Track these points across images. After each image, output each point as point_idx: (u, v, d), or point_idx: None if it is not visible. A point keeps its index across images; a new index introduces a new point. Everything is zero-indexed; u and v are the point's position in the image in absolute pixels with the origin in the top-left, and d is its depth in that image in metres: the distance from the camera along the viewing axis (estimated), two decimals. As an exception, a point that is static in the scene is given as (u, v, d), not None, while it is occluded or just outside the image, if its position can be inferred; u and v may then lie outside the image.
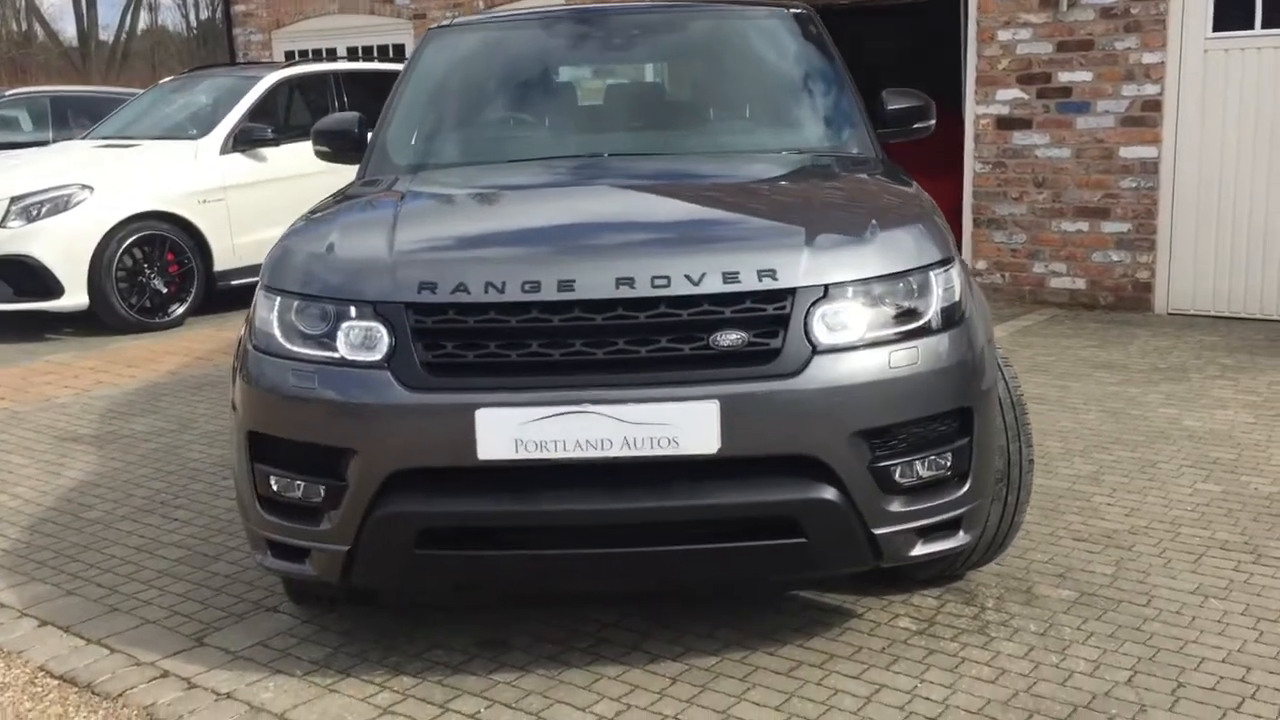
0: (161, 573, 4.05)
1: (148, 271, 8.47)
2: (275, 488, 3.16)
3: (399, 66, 10.67)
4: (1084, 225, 7.86)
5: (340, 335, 3.07)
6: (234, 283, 8.96)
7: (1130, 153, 7.68)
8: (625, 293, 2.96)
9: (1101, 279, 7.90)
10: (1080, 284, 7.97)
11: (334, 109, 9.75)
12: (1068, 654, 3.25)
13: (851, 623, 3.47)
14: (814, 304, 2.99)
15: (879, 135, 4.35)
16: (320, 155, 4.67)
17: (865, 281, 3.05)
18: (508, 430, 2.89)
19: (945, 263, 3.20)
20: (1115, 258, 7.83)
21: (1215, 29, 7.40)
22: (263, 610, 3.73)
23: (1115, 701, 3.00)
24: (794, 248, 3.06)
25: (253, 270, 9.24)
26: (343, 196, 3.93)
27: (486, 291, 2.98)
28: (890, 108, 4.46)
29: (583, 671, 3.25)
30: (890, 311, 3.06)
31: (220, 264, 8.89)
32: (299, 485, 3.12)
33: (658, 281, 2.96)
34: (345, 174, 4.61)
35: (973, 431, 3.14)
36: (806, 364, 2.94)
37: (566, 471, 2.94)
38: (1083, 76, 7.77)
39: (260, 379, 3.16)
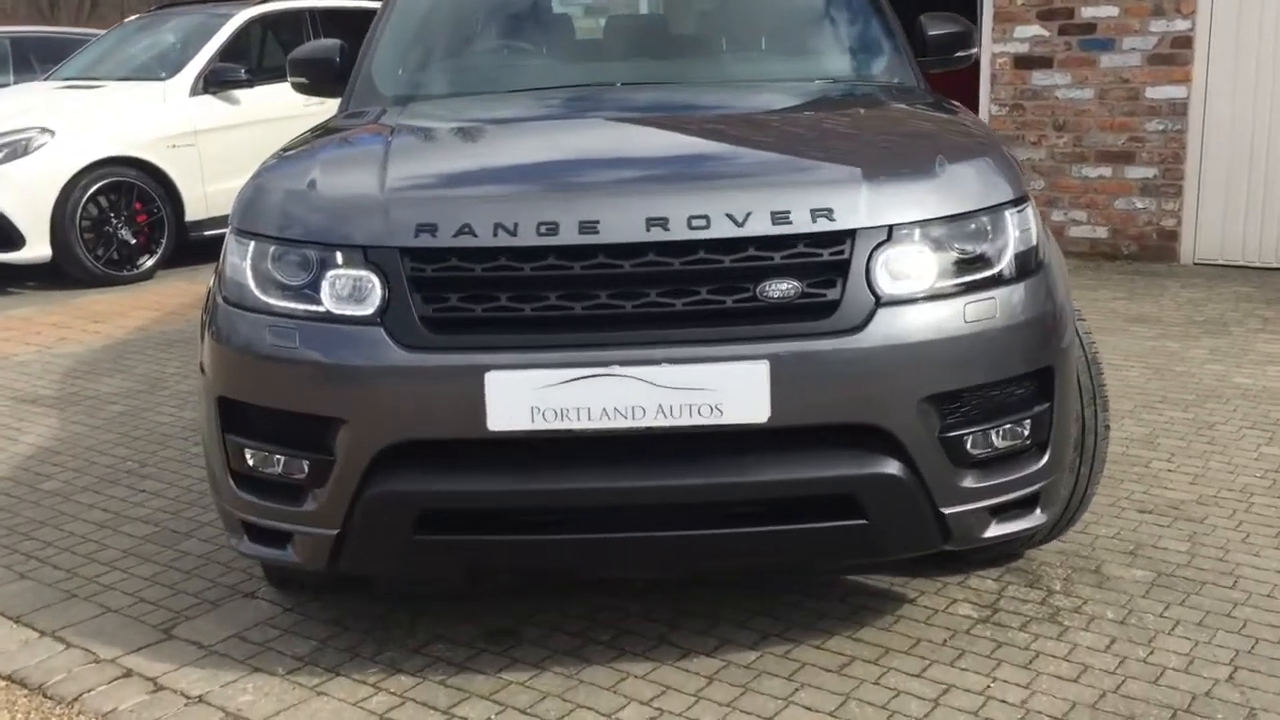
0: (126, 552, 3.63)
1: (114, 221, 7.97)
2: (251, 462, 2.74)
3: (379, 3, 10.17)
4: (1106, 171, 7.44)
5: (325, 285, 2.64)
6: (207, 233, 8.46)
7: (1158, 93, 7.25)
8: (658, 235, 2.53)
9: (1125, 227, 7.49)
10: (1101, 233, 7.56)
11: (311, 49, 9.22)
12: (1155, 646, 2.87)
13: (905, 610, 3.08)
14: (877, 248, 2.57)
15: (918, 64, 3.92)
16: (298, 87, 4.22)
17: (934, 222, 2.63)
18: (523, 396, 2.47)
19: (1020, 201, 2.78)
20: (1139, 205, 7.42)
21: (1250, -41, 6.95)
22: (239, 596, 3.32)
23: (1219, 704, 2.62)
24: (852, 183, 2.63)
25: (226, 220, 8.75)
26: (324, 130, 3.48)
27: (496, 234, 2.55)
28: (931, 33, 4.01)
29: (605, 669, 2.85)
30: (962, 257, 2.65)
31: (191, 213, 8.39)
32: (278, 460, 2.70)
33: (695, 222, 2.54)
34: (328, 114, 4.18)
35: (1053, 395, 2.74)
36: (869, 318, 2.52)
37: (589, 444, 2.53)
38: (1108, 11, 7.32)
39: (232, 337, 2.73)
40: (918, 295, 2.57)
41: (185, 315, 6.93)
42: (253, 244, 2.76)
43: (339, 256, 2.64)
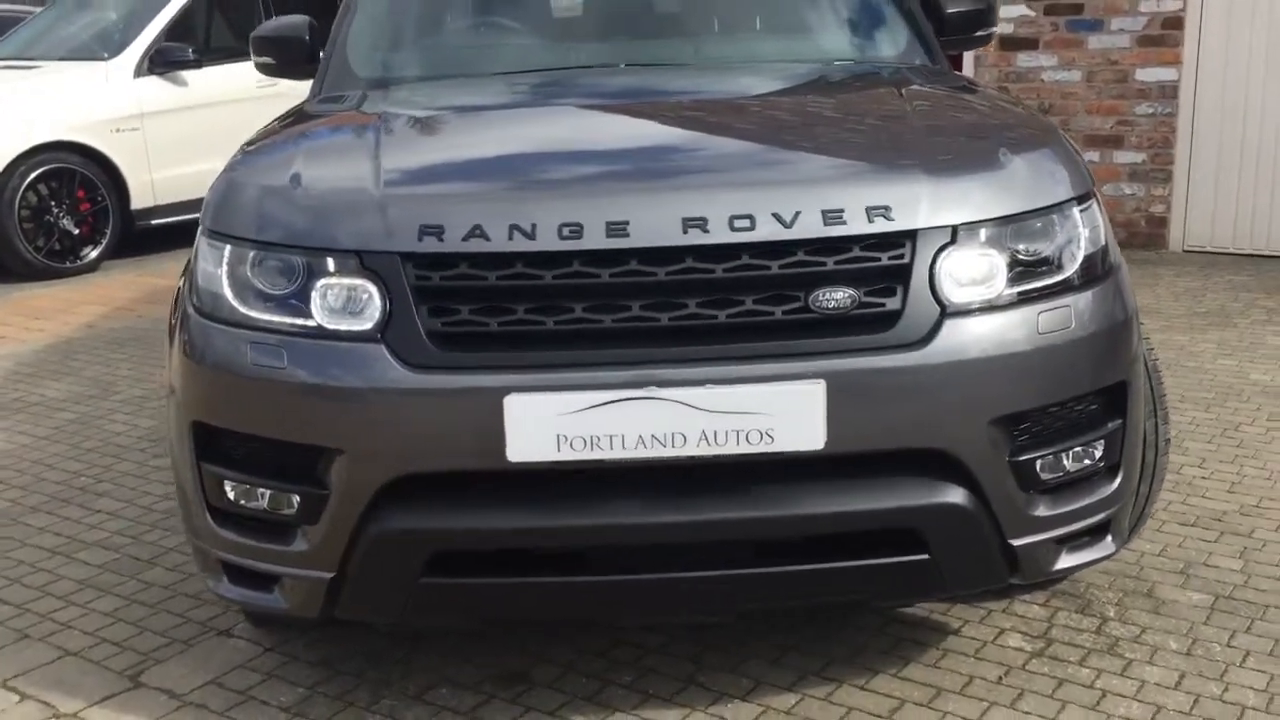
0: (83, 583, 3.29)
1: (55, 210, 7.52)
2: (232, 496, 2.42)
3: None
4: (1094, 155, 7.22)
5: (314, 296, 2.32)
6: (154, 222, 8.06)
7: (1147, 75, 7.04)
8: (696, 238, 2.24)
9: (1112, 214, 7.22)
10: (1087, 219, 7.35)
11: (262, 27, 8.80)
12: (1229, 681, 2.63)
13: (950, 642, 2.82)
14: (940, 251, 2.29)
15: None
16: (263, 68, 3.86)
17: (1001, 221, 2.36)
18: (547, 422, 2.17)
19: (1088, 197, 2.52)
20: (1128, 190, 7.22)
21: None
22: (213, 634, 2.99)
23: (1311, 748, 2.39)
24: (910, 178, 2.35)
25: (175, 209, 8.33)
26: (299, 116, 3.15)
27: (512, 237, 2.24)
28: (950, 10, 3.74)
29: (633, 717, 2.56)
30: (1031, 260, 2.38)
31: (138, 201, 7.96)
32: (263, 494, 2.38)
33: (738, 222, 2.24)
34: (286, 99, 3.83)
35: (1125, 412, 2.48)
36: (934, 330, 2.25)
37: (621, 475, 2.24)
38: (1096, -9, 7.11)
39: (207, 353, 2.40)
40: (987, 304, 2.30)
41: (135, 310, 6.53)
42: (228, 248, 2.43)
43: (330, 263, 2.32)
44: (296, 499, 2.33)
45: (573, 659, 2.78)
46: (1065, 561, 2.46)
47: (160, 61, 8.06)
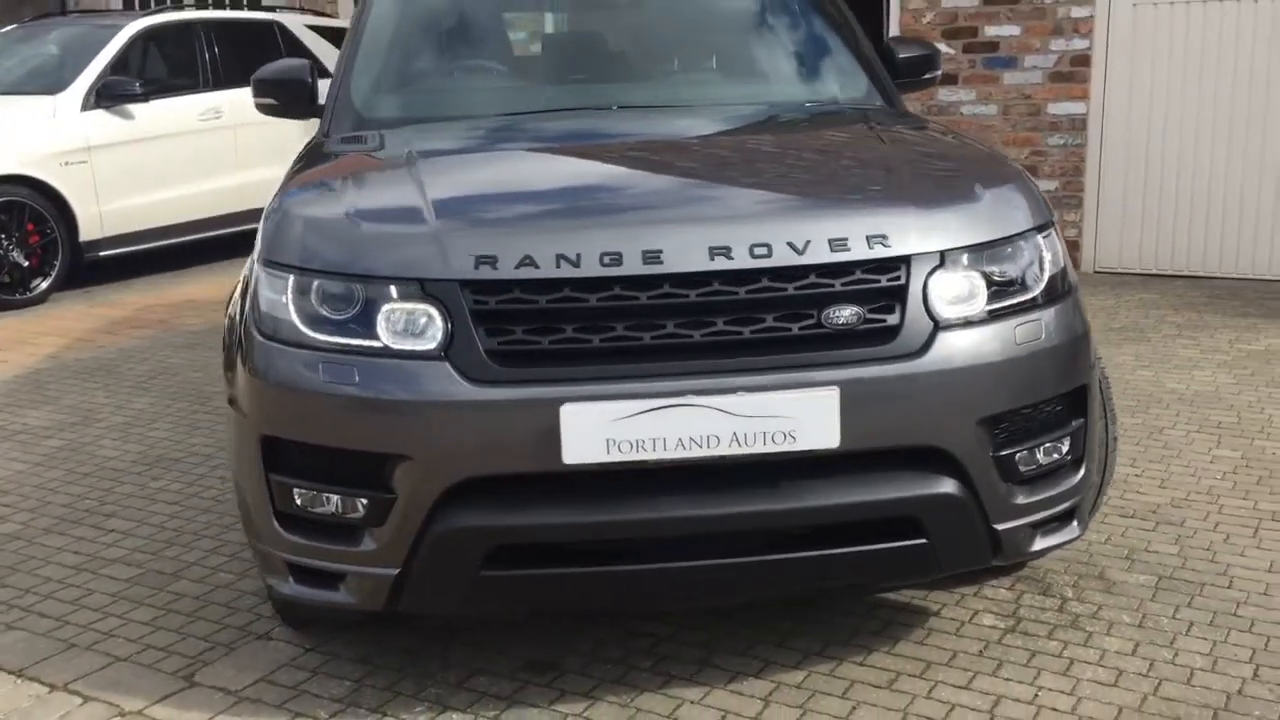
0: (115, 596, 3.47)
1: (5, 242, 7.58)
2: (299, 502, 2.66)
3: (270, 16, 9.92)
4: (1010, 183, 7.70)
5: (380, 320, 2.58)
6: (103, 254, 8.16)
7: (1059, 109, 7.56)
8: (721, 264, 2.55)
9: (1028, 238, 7.76)
10: (1006, 243, 7.83)
11: (204, 61, 8.95)
12: (1178, 648, 3.00)
13: (933, 623, 3.16)
14: (931, 273, 2.64)
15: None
16: (265, 108, 4.11)
17: (981, 246, 2.71)
18: (598, 428, 2.46)
19: (1049, 225, 2.89)
20: (1043, 216, 7.71)
21: (1144, -17, 7.31)
22: (252, 638, 3.21)
23: (1254, 701, 2.76)
24: (901, 209, 2.70)
25: (123, 240, 8.43)
26: (328, 156, 3.39)
27: (559, 265, 2.54)
28: (902, 56, 4.13)
29: (658, 696, 2.85)
30: (1006, 280, 2.74)
31: (87, 233, 8.04)
32: (331, 499, 2.63)
33: (757, 250, 2.56)
34: (229, 131, 4.03)
35: (1086, 412, 2.85)
36: (929, 342, 2.59)
37: (659, 473, 2.54)
38: (1010, 31, 7.60)
39: (276, 374, 2.65)
40: (972, 319, 2.64)
41: (95, 341, 6.64)
42: (292, 277, 2.68)
43: (393, 290, 2.58)
44: (365, 502, 2.58)
45: (594, 648, 3.06)
46: (1039, 544, 2.81)
47: (107, 95, 8.16)
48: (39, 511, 4.15)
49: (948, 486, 2.61)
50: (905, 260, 2.62)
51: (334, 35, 10.11)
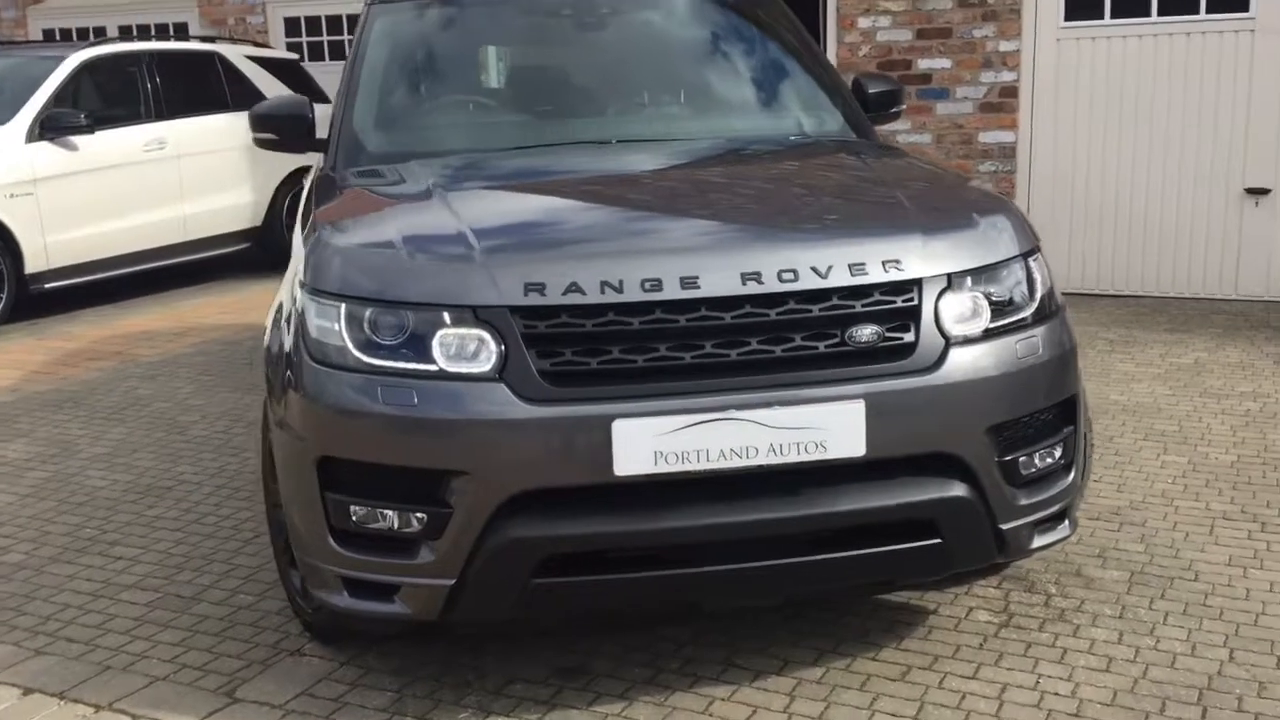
0: (139, 620, 3.55)
1: (-49, 276, 7.55)
2: (356, 518, 2.80)
3: (211, 47, 9.93)
4: (944, 208, 8.07)
5: (435, 345, 2.74)
6: (48, 286, 8.15)
7: (989, 137, 7.94)
8: (753, 288, 2.76)
9: (962, 260, 8.13)
10: (940, 265, 8.19)
11: (146, 92, 8.97)
12: (1158, 636, 3.27)
13: (933, 620, 3.39)
14: (940, 294, 2.87)
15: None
16: (264, 143, 4.21)
17: (982, 270, 2.96)
18: (646, 442, 2.65)
19: (1037, 249, 3.15)
20: (975, 239, 8.08)
21: (1067, 19, 7.72)
22: (285, 655, 3.32)
23: (1233, 680, 3.03)
24: (911, 236, 2.93)
25: (70, 272, 8.40)
26: (348, 188, 3.53)
27: (603, 291, 2.72)
28: (871, 91, 4.40)
29: (690, 695, 3.03)
30: (1006, 300, 2.98)
31: (32, 265, 8.04)
32: (388, 514, 2.77)
33: (785, 275, 2.78)
34: (172, 162, 4.11)
35: (1076, 420, 3.11)
36: (942, 358, 2.82)
37: (700, 483, 2.73)
38: (942, 64, 7.97)
39: (333, 397, 2.78)
40: (978, 335, 2.88)
41: (57, 374, 6.63)
42: (345, 306, 2.82)
43: (447, 316, 2.74)
44: (423, 517, 2.73)
45: (622, 653, 3.23)
46: (1037, 542, 3.05)
47: (51, 126, 8.16)
48: (40, 541, 4.19)
49: (959, 490, 2.84)
50: (917, 283, 2.85)
51: (273, 66, 10.18)
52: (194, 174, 9.08)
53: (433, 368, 2.73)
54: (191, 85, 9.31)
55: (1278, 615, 3.37)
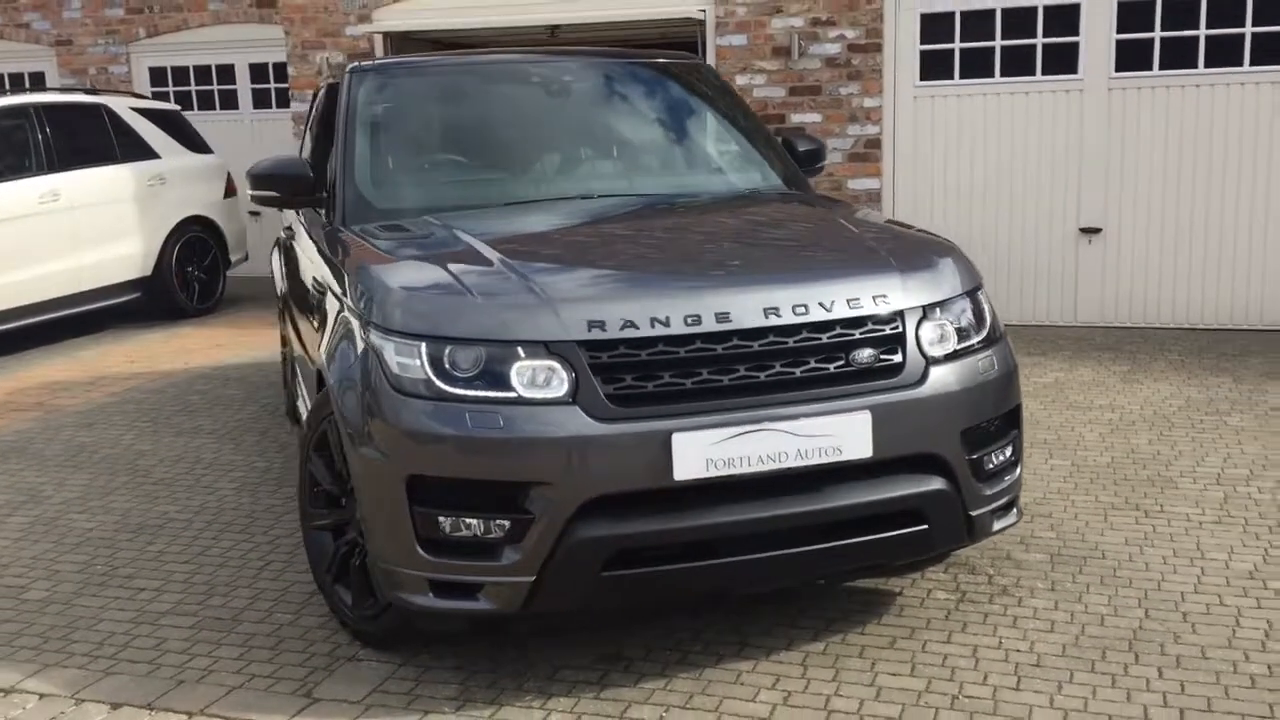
0: (190, 640, 3.86)
1: None
2: (445, 529, 3.22)
3: (97, 99, 9.97)
4: (817, 249, 8.84)
5: (513, 375, 3.20)
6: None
7: (857, 184, 8.74)
8: (774, 320, 3.32)
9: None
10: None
11: (37, 144, 9.01)
12: (1085, 602, 3.94)
13: (902, 600, 3.98)
14: (919, 323, 3.49)
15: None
16: (263, 200, 4.55)
17: (946, 302, 3.59)
18: (700, 451, 3.17)
19: (981, 285, 3.80)
20: (847, 277, 8.87)
21: (922, 79, 8.61)
22: (344, 661, 3.68)
23: (1155, 632, 3.71)
24: (891, 274, 3.54)
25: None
26: (379, 241, 3.94)
27: (653, 326, 3.24)
28: (801, 149, 5.05)
29: (719, 670, 3.53)
30: (965, 327, 3.62)
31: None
32: (474, 523, 3.21)
33: (798, 309, 3.35)
34: (66, 214, 4.31)
35: (1020, 424, 3.77)
36: (925, 375, 3.43)
37: (737, 484, 3.26)
38: (813, 118, 8.75)
39: (422, 424, 3.21)
40: (949, 355, 3.51)
41: (-15, 425, 6.72)
42: (424, 345, 3.26)
43: (521, 351, 3.21)
44: (506, 524, 3.18)
45: (649, 640, 3.71)
46: (996, 526, 3.68)
47: (-54, 180, 8.17)
48: (55, 579, 4.42)
49: (940, 484, 3.45)
50: (900, 314, 3.46)
51: (156, 117, 10.31)
52: (88, 225, 9.16)
53: (512, 395, 3.19)
54: (81, 137, 9.39)
55: (1175, 581, 4.09)
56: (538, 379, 3.21)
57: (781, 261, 3.73)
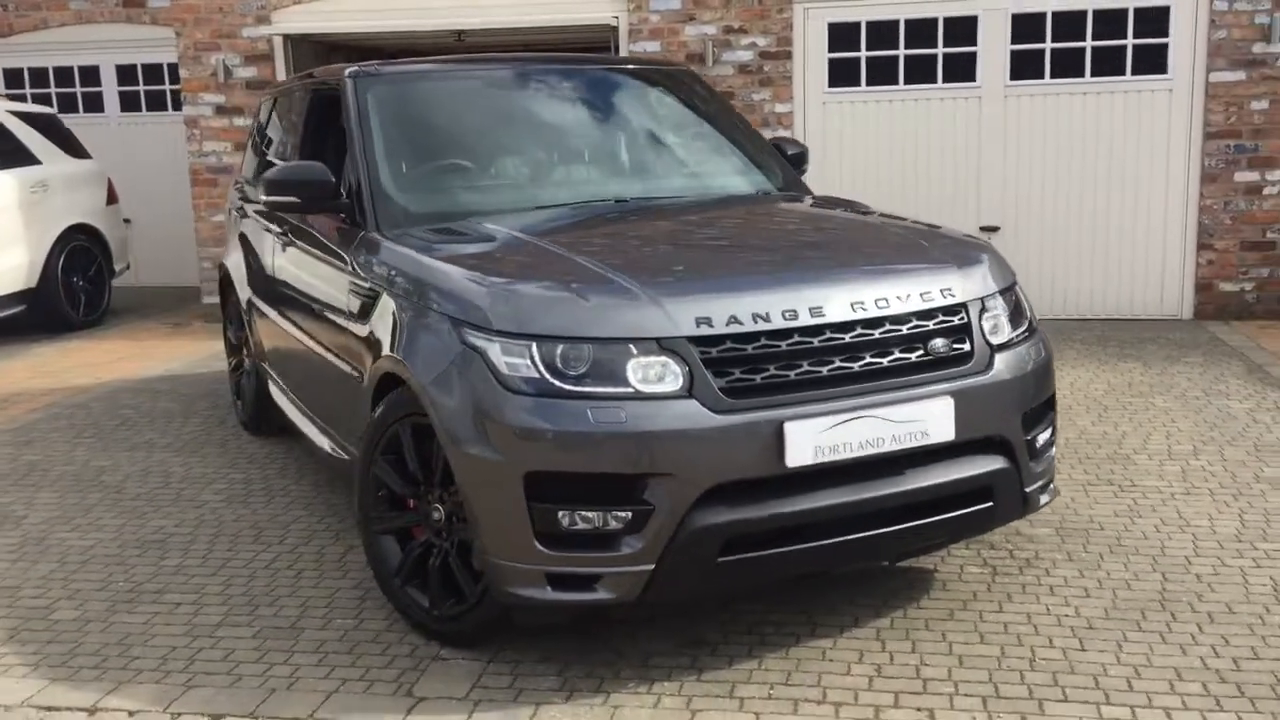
0: (259, 649, 3.81)
1: None
2: (564, 523, 3.30)
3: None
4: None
5: (629, 371, 3.30)
6: None
7: (770, 187, 9.03)
8: (860, 314, 3.51)
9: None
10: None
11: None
12: (1106, 569, 4.26)
13: (940, 577, 4.23)
14: (980, 314, 3.74)
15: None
16: (285, 206, 4.50)
17: (997, 295, 3.85)
18: (809, 438, 3.34)
19: (1016, 280, 4.08)
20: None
21: (830, 86, 8.97)
22: (429, 660, 3.70)
23: (1178, 593, 4.05)
24: (952, 269, 3.78)
25: None
26: (467, 247, 3.96)
27: (755, 321, 3.39)
28: (790, 152, 5.27)
29: (802, 648, 3.70)
30: (1012, 317, 3.88)
31: None
32: (592, 515, 3.29)
33: (880, 302, 3.55)
34: None
35: (1055, 406, 4.06)
36: (991, 362, 3.68)
37: (836, 469, 3.43)
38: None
39: (540, 421, 3.28)
40: (1007, 344, 3.77)
41: (-88, 446, 6.36)
42: (535, 344, 3.33)
43: (633, 348, 3.32)
44: (626, 515, 3.28)
45: (724, 625, 3.85)
46: (1042, 501, 3.95)
47: None
48: (78, 598, 4.27)
49: (1004, 463, 3.70)
50: (964, 305, 3.70)
51: (34, 121, 9.89)
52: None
53: (630, 390, 3.29)
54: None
55: (1175, 547, 4.46)
56: (651, 374, 3.31)
57: (855, 258, 3.92)
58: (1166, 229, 8.86)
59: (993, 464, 3.67)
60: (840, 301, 3.50)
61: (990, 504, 3.69)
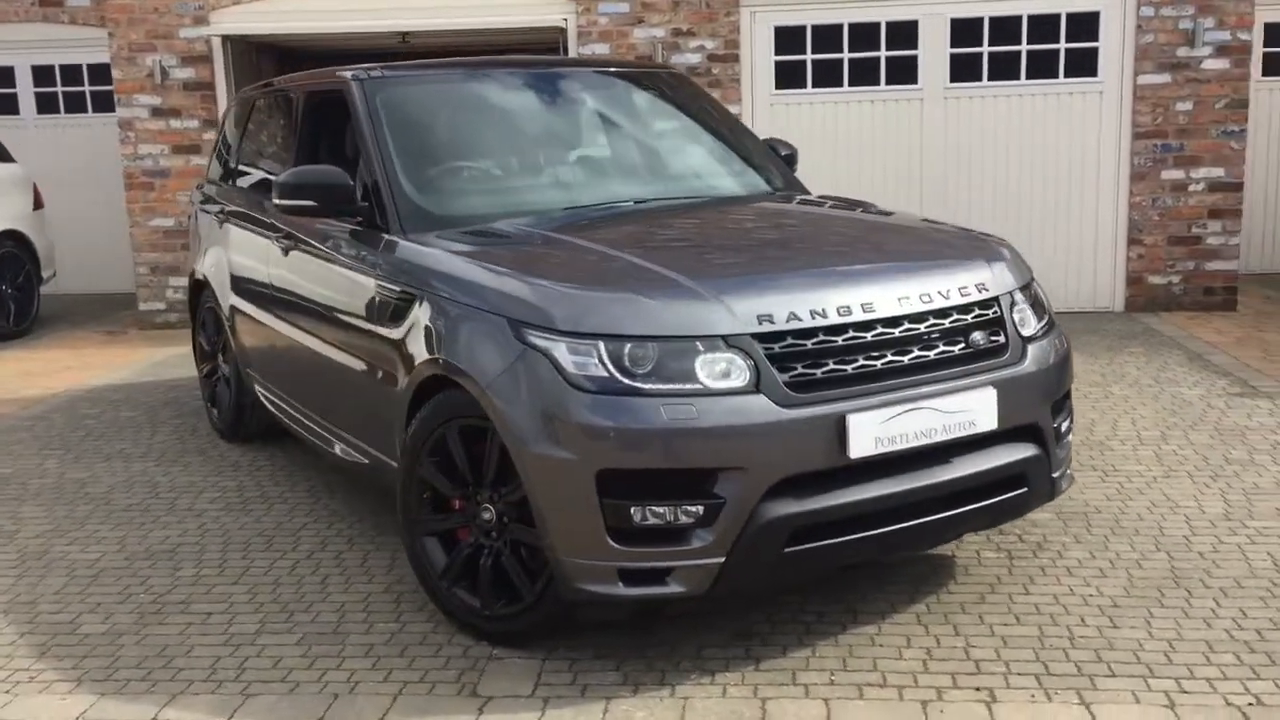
0: (307, 656, 3.78)
1: None
2: (637, 519, 3.35)
3: None
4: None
5: (698, 368, 3.37)
6: None
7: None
8: (907, 308, 3.64)
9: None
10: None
11: None
12: (1114, 550, 4.46)
13: (962, 563, 4.37)
14: (1011, 307, 3.89)
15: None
16: (297, 210, 4.47)
17: (1022, 289, 4.01)
18: (870, 430, 3.45)
19: (1034, 276, 4.25)
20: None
21: (777, 88, 9.13)
22: (485, 659, 3.72)
23: (1188, 570, 4.25)
24: (982, 265, 3.93)
25: None
26: (512, 250, 3.98)
27: (812, 318, 3.49)
28: (782, 154, 5.39)
29: (850, 635, 3.81)
30: (1035, 311, 4.05)
31: None
32: (663, 510, 3.35)
33: (924, 297, 3.68)
34: None
35: (1071, 396, 4.23)
36: (1024, 353, 3.84)
37: (887, 460, 3.55)
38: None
39: (612, 419, 3.32)
40: (1035, 336, 3.93)
41: None
42: (602, 343, 3.38)
43: (700, 345, 3.39)
44: (697, 510, 3.34)
45: (769, 617, 3.94)
46: (1064, 486, 4.12)
47: None
48: (103, 612, 4.19)
49: (1036, 450, 3.86)
50: (996, 299, 3.85)
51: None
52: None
53: (699, 387, 3.36)
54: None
55: (1172, 527, 4.68)
56: (718, 371, 3.38)
57: (894, 255, 4.04)
58: (1098, 225, 9.21)
59: (1026, 451, 3.82)
60: (888, 297, 3.62)
61: (1025, 489, 3.84)
